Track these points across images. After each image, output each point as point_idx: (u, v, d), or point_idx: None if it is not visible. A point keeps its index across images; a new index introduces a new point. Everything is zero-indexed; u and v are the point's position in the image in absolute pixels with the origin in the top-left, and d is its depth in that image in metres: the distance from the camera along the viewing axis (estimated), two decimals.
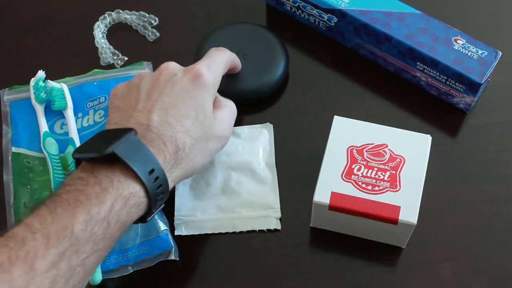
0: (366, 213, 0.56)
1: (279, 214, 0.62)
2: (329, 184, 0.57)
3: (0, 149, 0.66)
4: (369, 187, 0.57)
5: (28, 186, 0.62)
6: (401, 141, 0.60)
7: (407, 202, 0.56)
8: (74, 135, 0.64)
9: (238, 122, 0.68)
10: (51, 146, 0.63)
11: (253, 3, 0.76)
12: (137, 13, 0.75)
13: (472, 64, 0.64)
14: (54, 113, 0.66)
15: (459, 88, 0.66)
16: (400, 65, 0.69)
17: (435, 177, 0.63)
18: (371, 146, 0.59)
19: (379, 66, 0.71)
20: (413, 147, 0.59)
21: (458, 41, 0.66)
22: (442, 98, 0.69)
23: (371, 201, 0.56)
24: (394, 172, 0.58)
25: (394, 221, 0.56)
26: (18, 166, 0.63)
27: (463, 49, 0.65)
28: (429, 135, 0.60)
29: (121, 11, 0.75)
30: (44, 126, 0.65)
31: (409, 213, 0.56)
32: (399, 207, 0.56)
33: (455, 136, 0.67)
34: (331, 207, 0.57)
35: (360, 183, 0.57)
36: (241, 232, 0.62)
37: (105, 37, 0.73)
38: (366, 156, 0.58)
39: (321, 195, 0.57)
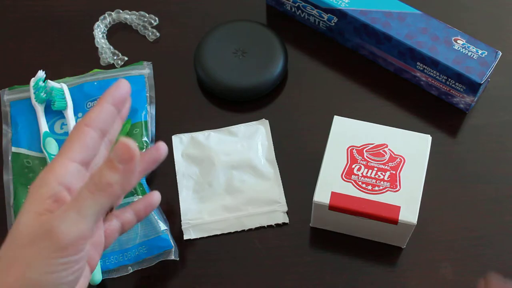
0: (366, 213, 0.56)
1: (285, 208, 0.63)
2: (329, 184, 0.57)
3: (0, 149, 0.66)
4: (369, 187, 0.57)
5: (28, 186, 0.62)
6: (401, 141, 0.59)
7: (407, 202, 0.56)
8: None
9: (236, 120, 0.68)
10: (51, 146, 0.63)
11: (253, 3, 0.76)
12: (137, 13, 0.75)
13: (472, 64, 0.64)
14: (54, 113, 0.66)
15: (459, 88, 0.66)
16: (400, 65, 0.69)
17: (435, 177, 0.63)
18: (371, 146, 0.59)
19: (379, 66, 0.71)
20: (413, 147, 0.59)
21: (458, 41, 0.66)
22: (442, 98, 0.69)
23: (371, 201, 0.56)
24: (394, 172, 0.58)
25: (394, 221, 0.56)
26: (18, 166, 0.63)
27: (463, 49, 0.65)
28: (429, 135, 0.60)
29: (121, 11, 0.75)
30: (44, 126, 0.65)
31: (409, 213, 0.56)
32: (399, 207, 0.56)
33: (455, 136, 0.67)
34: (331, 207, 0.57)
35: (360, 183, 0.57)
36: (242, 231, 0.62)
37: (105, 37, 0.73)
38: (366, 156, 0.58)
39: (321, 195, 0.57)
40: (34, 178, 0.63)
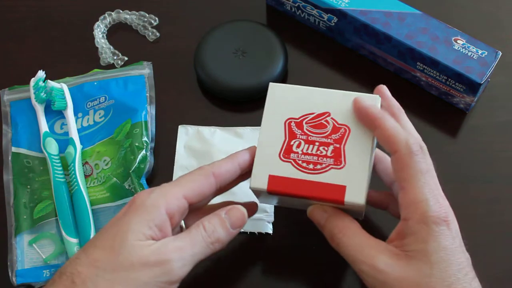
0: (309, 197, 0.50)
1: (272, 218, 0.62)
2: (266, 166, 0.51)
3: (0, 149, 0.66)
4: (311, 166, 0.50)
5: (28, 186, 0.62)
6: (346, 107, 0.52)
7: (353, 181, 0.50)
8: (74, 135, 0.64)
9: (236, 120, 0.68)
10: (51, 146, 0.63)
11: (253, 3, 0.76)
12: (137, 13, 0.75)
13: (472, 64, 0.64)
14: (54, 113, 0.66)
15: (459, 88, 0.66)
16: (400, 65, 0.69)
17: None
18: (311, 116, 0.52)
19: (379, 66, 0.71)
20: None
21: (458, 41, 0.66)
22: (442, 98, 0.69)
23: (313, 182, 0.50)
24: (338, 145, 0.51)
25: (340, 203, 0.50)
26: (18, 166, 0.63)
27: (463, 49, 0.65)
28: (377, 96, 0.53)
29: (121, 11, 0.75)
30: (44, 126, 0.65)
31: (356, 193, 0.49)
32: (344, 187, 0.50)
33: (455, 136, 0.67)
34: (270, 192, 0.51)
35: (300, 162, 0.51)
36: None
37: (105, 37, 0.73)
38: (306, 129, 0.52)
39: (258, 180, 0.51)
40: (34, 178, 0.63)
